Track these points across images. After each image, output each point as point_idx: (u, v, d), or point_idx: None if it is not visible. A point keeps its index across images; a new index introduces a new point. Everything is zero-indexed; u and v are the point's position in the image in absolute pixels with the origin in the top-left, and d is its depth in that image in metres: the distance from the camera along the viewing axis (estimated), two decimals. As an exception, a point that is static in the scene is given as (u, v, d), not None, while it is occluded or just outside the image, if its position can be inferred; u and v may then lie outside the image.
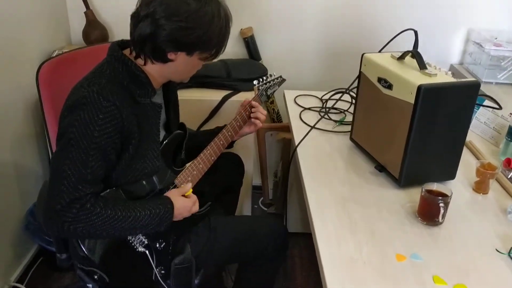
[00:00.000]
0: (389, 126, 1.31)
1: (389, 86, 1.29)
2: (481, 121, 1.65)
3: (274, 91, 1.63)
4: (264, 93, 1.56)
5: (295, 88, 2.00)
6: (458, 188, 1.33)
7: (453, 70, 2.25)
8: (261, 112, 1.51)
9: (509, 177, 1.37)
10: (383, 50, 1.46)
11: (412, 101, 1.19)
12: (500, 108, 1.41)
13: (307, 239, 1.17)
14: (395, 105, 1.27)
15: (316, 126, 1.63)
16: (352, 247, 1.08)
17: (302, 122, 1.70)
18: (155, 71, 1.17)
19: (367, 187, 1.32)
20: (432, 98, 1.19)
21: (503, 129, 1.56)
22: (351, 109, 1.78)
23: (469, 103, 1.24)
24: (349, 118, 1.72)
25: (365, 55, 1.41)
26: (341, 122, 1.68)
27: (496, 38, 2.16)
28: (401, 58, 1.36)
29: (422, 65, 1.27)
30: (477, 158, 1.48)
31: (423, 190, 1.15)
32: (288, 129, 2.07)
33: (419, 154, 1.25)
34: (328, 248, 1.08)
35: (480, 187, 1.31)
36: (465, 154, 1.49)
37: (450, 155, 1.30)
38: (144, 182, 1.19)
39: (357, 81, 1.47)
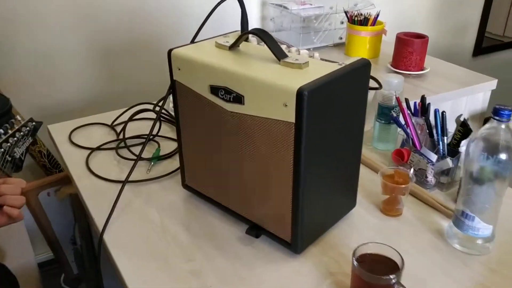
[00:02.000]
0: (254, 163, 0.77)
1: (237, 99, 0.74)
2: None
3: (28, 147, 0.92)
4: (9, 159, 0.84)
5: (65, 118, 1.30)
6: (364, 217, 0.90)
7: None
8: (12, 194, 0.81)
9: (410, 176, 1.00)
10: (197, 39, 0.90)
11: (291, 118, 0.68)
12: (381, 87, 1.02)
13: None
14: (255, 128, 0.74)
15: (117, 177, 1.00)
16: None
17: (94, 176, 1.03)
18: None
19: (247, 272, 0.77)
20: (321, 104, 0.69)
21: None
22: (165, 132, 1.20)
23: (362, 93, 0.79)
24: (168, 145, 1.13)
25: (174, 52, 0.82)
26: (157, 159, 1.08)
27: (292, -4, 1.81)
28: (235, 45, 0.82)
29: (279, 52, 0.75)
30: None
31: (355, 263, 0.66)
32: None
33: (316, 193, 0.76)
34: None
35: (392, 208, 0.90)
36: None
37: (348, 175, 0.85)
38: None
39: (171, 96, 0.89)
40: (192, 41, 0.87)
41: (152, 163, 1.06)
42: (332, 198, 0.82)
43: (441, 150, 0.98)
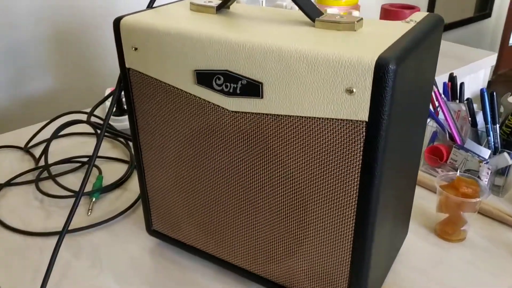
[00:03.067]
0: (279, 194, 0.47)
1: (249, 90, 0.44)
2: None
3: None
4: None
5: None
6: (418, 247, 0.63)
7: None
8: None
9: (482, 185, 0.75)
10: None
11: (362, 113, 0.39)
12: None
13: None
14: (284, 137, 0.44)
15: (43, 227, 0.66)
16: None
17: (4, 228, 0.68)
18: None
19: None
20: (407, 87, 0.41)
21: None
22: (104, 151, 0.86)
23: (433, 67, 0.52)
24: (111, 170, 0.79)
25: (124, 21, 0.50)
26: (99, 192, 0.74)
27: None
28: (223, 6, 0.51)
29: (311, 8, 0.46)
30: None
31: None
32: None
33: (382, 231, 0.48)
34: None
35: (454, 231, 0.64)
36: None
37: (407, 194, 0.57)
38: None
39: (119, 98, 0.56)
40: (150, 6, 0.55)
41: (94, 199, 0.72)
42: (393, 232, 0.54)
43: (492, 143, 0.74)
